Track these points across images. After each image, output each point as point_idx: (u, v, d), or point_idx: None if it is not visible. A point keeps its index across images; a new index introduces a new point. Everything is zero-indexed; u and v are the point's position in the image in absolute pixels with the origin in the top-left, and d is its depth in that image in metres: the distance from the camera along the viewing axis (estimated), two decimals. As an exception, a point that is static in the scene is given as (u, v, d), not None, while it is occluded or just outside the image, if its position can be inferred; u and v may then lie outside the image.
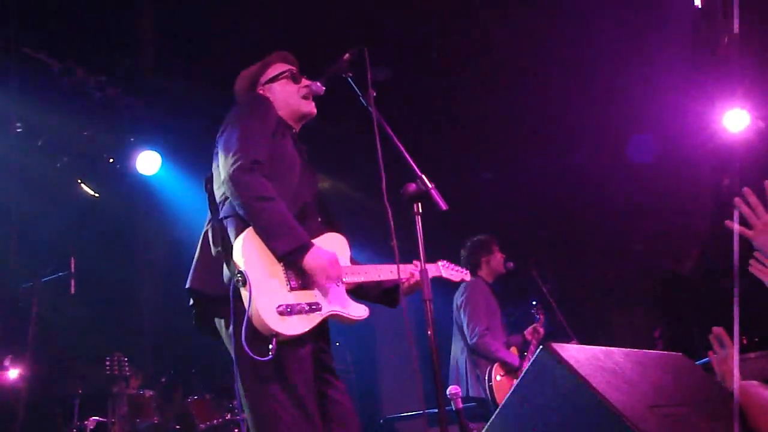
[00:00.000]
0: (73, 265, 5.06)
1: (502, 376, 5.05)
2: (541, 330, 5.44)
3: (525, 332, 5.45)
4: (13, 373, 5.12)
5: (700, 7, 5.36)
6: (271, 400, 2.47)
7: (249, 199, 2.53)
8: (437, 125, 6.31)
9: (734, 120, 5.56)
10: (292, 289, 2.54)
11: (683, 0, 5.39)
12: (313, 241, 2.62)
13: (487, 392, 4.97)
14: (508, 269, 5.53)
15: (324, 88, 3.00)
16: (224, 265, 2.56)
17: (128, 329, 6.31)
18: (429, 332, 2.47)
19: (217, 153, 2.76)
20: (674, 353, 2.45)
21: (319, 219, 2.89)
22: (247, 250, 2.50)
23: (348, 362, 6.86)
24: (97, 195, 6.07)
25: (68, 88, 5.35)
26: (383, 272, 2.89)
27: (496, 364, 5.05)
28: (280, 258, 2.53)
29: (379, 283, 2.93)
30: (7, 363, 5.11)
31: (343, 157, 6.50)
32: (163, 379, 5.55)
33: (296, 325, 2.47)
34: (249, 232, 2.54)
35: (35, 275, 5.16)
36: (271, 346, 2.40)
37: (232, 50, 5.16)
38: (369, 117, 2.80)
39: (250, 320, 2.42)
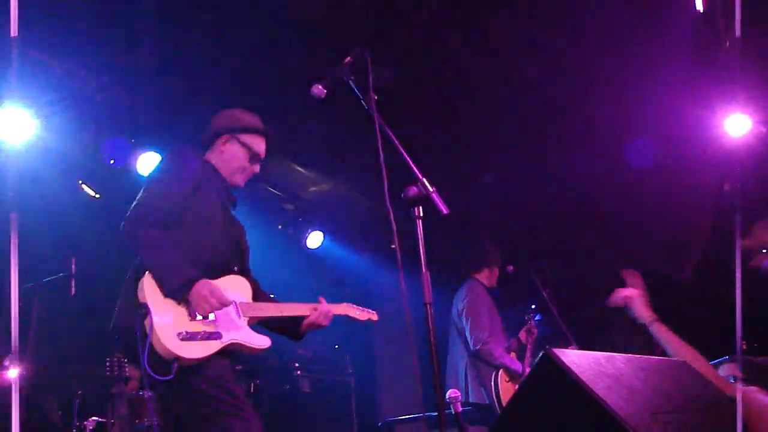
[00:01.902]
0: (73, 266, 5.06)
1: (507, 382, 5.06)
2: (535, 330, 5.46)
3: (519, 335, 5.47)
4: (13, 373, 5.11)
5: (701, 11, 5.35)
6: (220, 406, 2.79)
7: (137, 248, 2.89)
8: (438, 129, 6.30)
9: (736, 125, 5.54)
10: (192, 319, 2.82)
11: (684, 4, 5.38)
12: (215, 281, 2.92)
13: (494, 399, 4.98)
14: (508, 273, 5.55)
15: (325, 91, 3.01)
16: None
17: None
18: (430, 336, 2.47)
19: None
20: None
21: (235, 268, 3.17)
22: (149, 285, 2.82)
23: (347, 365, 6.86)
24: (98, 196, 6.07)
25: (70, 89, 5.35)
26: (286, 310, 3.23)
27: (500, 371, 5.06)
28: (166, 295, 2.81)
29: (282, 318, 3.24)
30: (6, 363, 5.11)
31: (344, 160, 6.51)
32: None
33: (197, 350, 2.77)
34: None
35: (35, 276, 5.16)
36: (172, 368, 2.71)
37: (235, 53, 5.16)
38: (371, 120, 2.81)
39: (152, 346, 2.69)
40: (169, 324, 2.75)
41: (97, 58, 5.23)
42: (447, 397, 3.87)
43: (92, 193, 6.04)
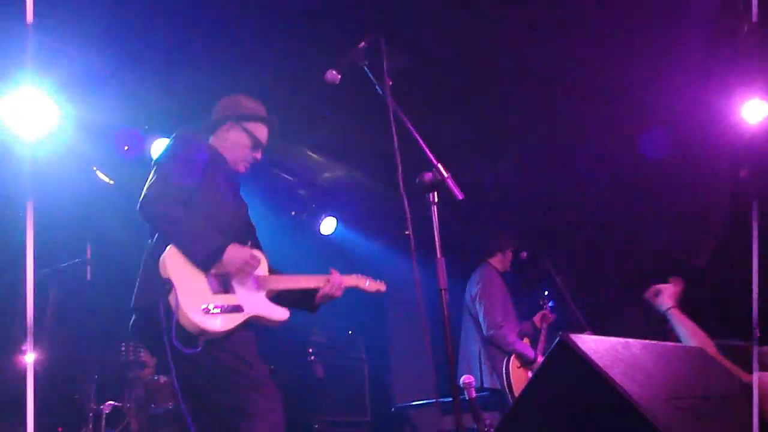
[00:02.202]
0: (89, 252, 5.10)
1: (518, 368, 5.06)
2: (549, 315, 5.44)
3: (534, 318, 5.46)
4: (30, 358, 5.16)
5: (718, -5, 5.29)
6: (243, 380, 2.83)
7: (160, 225, 2.90)
8: (453, 115, 6.28)
9: (753, 111, 5.49)
10: (214, 292, 2.84)
11: (702, -12, 5.32)
12: None
13: (505, 384, 4.98)
14: (521, 259, 5.55)
15: (339, 76, 3.01)
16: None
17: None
18: (445, 322, 2.48)
19: None
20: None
21: (249, 243, 3.17)
22: (171, 261, 2.82)
23: (361, 350, 6.88)
24: (112, 182, 6.10)
25: (83, 74, 5.36)
26: (300, 281, 3.29)
27: (512, 356, 5.06)
28: (199, 264, 2.84)
29: (296, 291, 3.28)
30: (24, 347, 5.16)
31: (358, 145, 6.50)
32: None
33: (221, 323, 2.79)
34: (172, 249, 2.87)
35: (51, 262, 5.20)
36: (199, 342, 2.73)
37: (249, 38, 5.16)
38: (385, 106, 2.80)
39: (178, 321, 2.71)
40: (193, 298, 2.77)
41: (110, 44, 5.24)
42: (461, 382, 3.88)
43: (107, 179, 6.07)
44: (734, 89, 5.52)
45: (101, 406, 4.86)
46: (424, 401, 5.80)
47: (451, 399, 2.53)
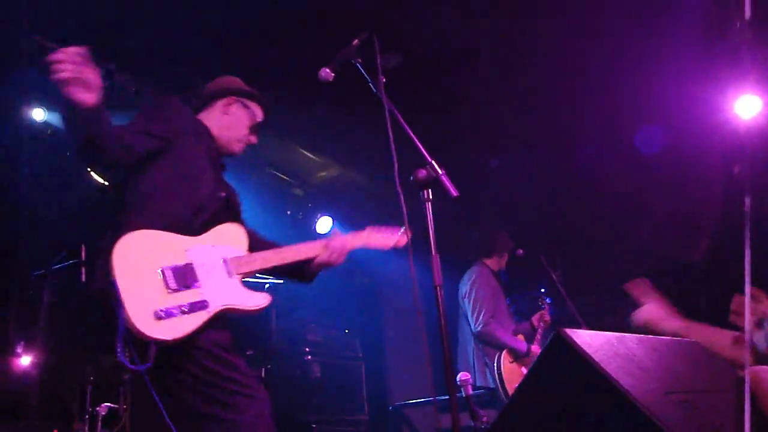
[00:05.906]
0: (83, 254, 5.08)
1: (510, 363, 5.05)
2: (548, 318, 5.44)
3: (532, 319, 5.46)
4: (26, 360, 5.16)
5: (711, -8, 5.30)
6: (219, 381, 2.49)
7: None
8: (448, 112, 6.28)
9: (746, 106, 5.50)
10: (171, 291, 2.45)
11: (695, -16, 5.33)
12: (203, 235, 2.67)
13: (497, 380, 4.97)
14: (518, 256, 5.54)
15: (333, 74, 2.98)
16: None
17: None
18: (440, 319, 2.46)
19: None
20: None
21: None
22: (118, 258, 2.40)
23: (357, 349, 6.88)
24: (107, 183, 6.08)
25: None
26: (287, 254, 2.89)
27: (504, 351, 5.06)
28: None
29: (290, 263, 2.92)
30: (19, 350, 5.15)
31: (353, 144, 6.50)
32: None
33: (177, 328, 2.39)
34: (124, 238, 2.47)
35: (46, 263, 5.19)
36: (149, 353, 2.33)
37: (241, 38, 5.15)
38: (379, 103, 2.79)
39: (125, 329, 2.32)
40: (144, 301, 2.36)
41: (98, 43, 5.22)
42: (458, 380, 3.87)
43: (101, 180, 6.06)
44: (727, 85, 5.53)
45: (97, 408, 4.84)
46: (422, 399, 5.79)
47: (448, 397, 2.50)
